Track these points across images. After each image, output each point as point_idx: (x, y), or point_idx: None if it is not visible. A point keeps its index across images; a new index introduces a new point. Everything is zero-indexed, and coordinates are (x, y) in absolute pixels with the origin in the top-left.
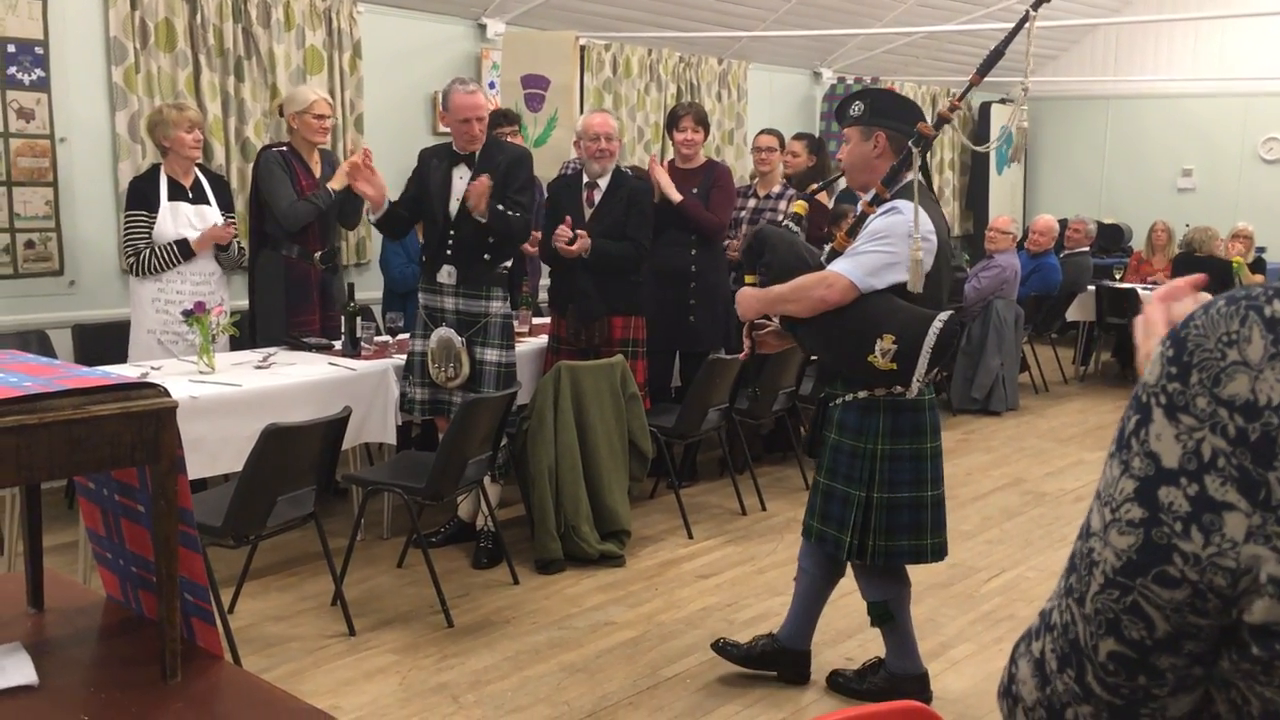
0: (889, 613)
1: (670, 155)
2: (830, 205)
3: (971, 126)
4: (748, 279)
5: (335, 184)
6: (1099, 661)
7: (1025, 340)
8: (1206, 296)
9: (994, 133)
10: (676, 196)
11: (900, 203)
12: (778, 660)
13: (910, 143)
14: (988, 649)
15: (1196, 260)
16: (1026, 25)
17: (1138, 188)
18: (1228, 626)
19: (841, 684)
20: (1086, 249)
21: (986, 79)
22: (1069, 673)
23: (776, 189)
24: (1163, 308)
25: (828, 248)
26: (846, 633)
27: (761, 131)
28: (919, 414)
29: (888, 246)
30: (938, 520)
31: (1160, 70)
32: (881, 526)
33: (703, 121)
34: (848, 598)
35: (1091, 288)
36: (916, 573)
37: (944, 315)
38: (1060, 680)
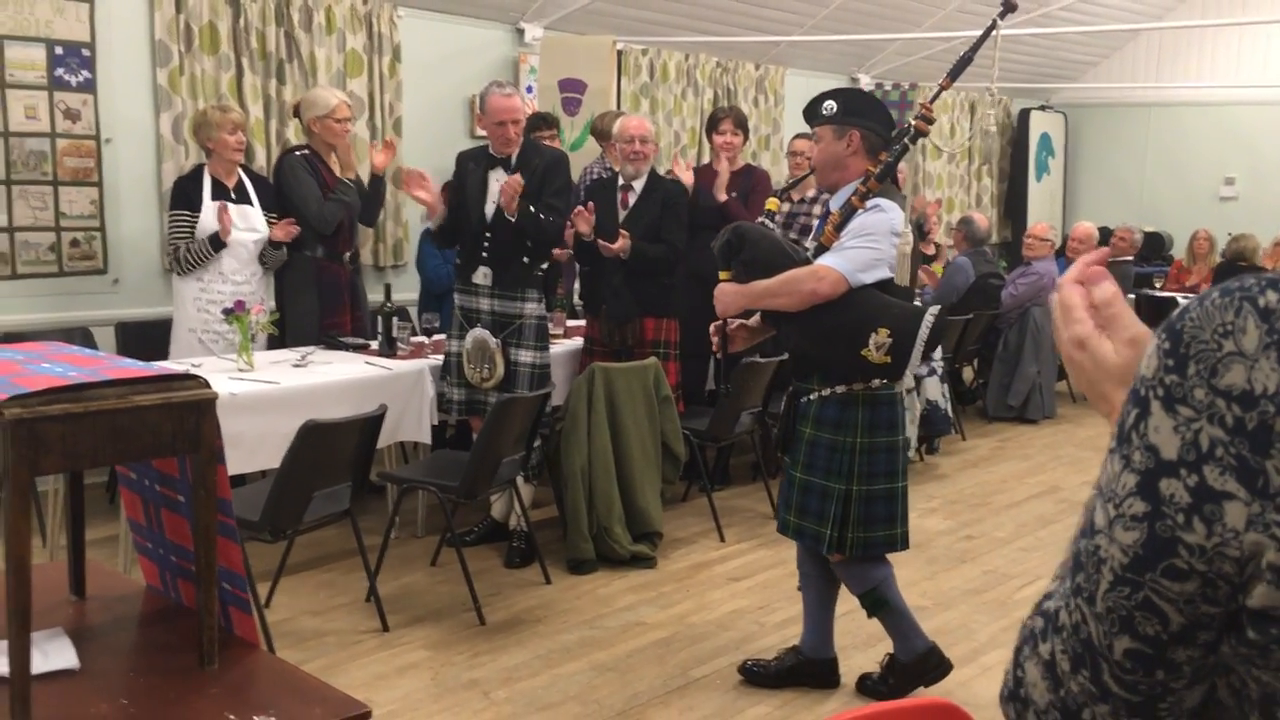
0: (882, 598)
1: (707, 159)
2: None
3: (1011, 133)
4: (723, 275)
5: (348, 172)
6: (1115, 660)
7: None
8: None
9: (1033, 139)
10: (723, 196)
11: (883, 201)
12: (806, 672)
13: (906, 139)
14: None
15: (1240, 270)
16: (994, 33)
17: (1179, 196)
18: (1231, 611)
19: (869, 687)
20: (1130, 258)
21: (1028, 84)
22: (1083, 673)
23: (811, 193)
24: (1079, 290)
25: (812, 243)
26: (878, 635)
27: (797, 136)
28: (893, 407)
29: (874, 243)
30: (905, 509)
31: (1203, 77)
32: (860, 518)
33: (742, 125)
34: None
35: (1131, 296)
36: (951, 579)
37: (935, 309)
38: (1074, 681)
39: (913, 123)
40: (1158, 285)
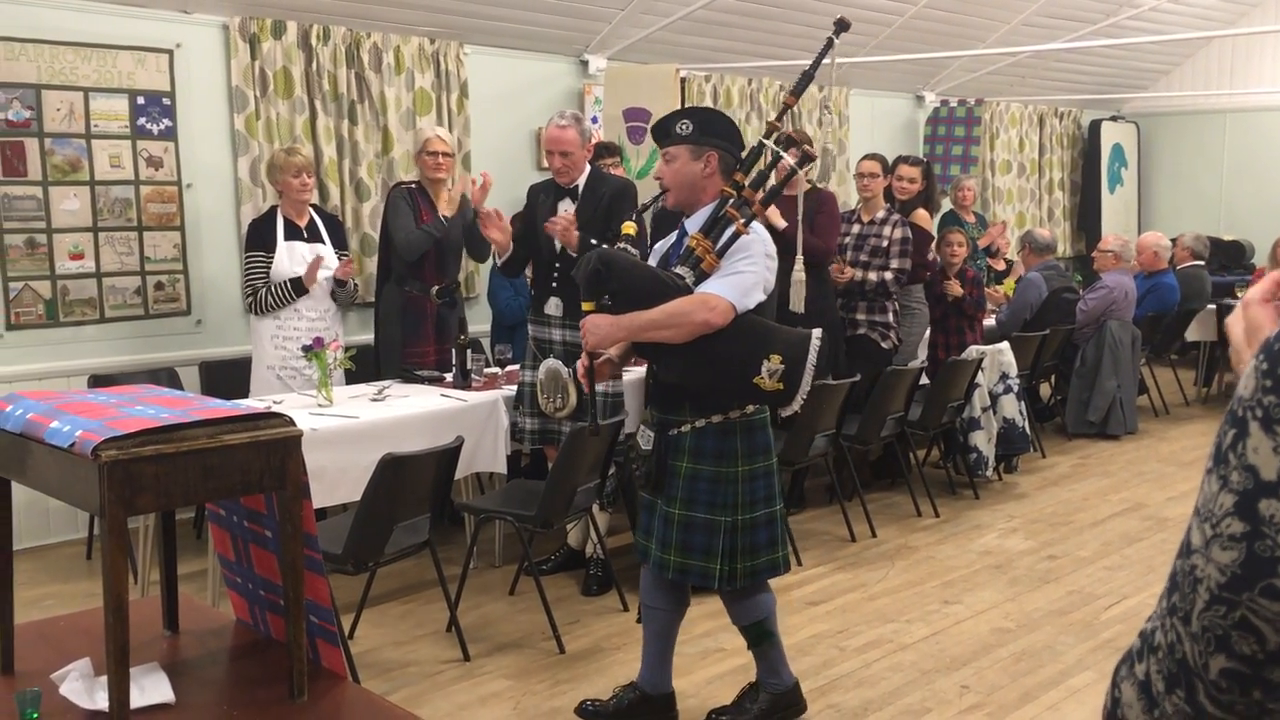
0: (768, 630)
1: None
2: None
3: (1082, 145)
4: (586, 306)
5: (448, 210)
6: (1210, 679)
7: (1143, 361)
8: None
9: (1105, 150)
10: (781, 224)
11: (756, 224)
12: (644, 710)
13: (796, 163)
14: (1108, 678)
15: None
16: (830, 50)
17: (1259, 202)
18: None
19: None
20: (1200, 263)
21: (1098, 95)
22: (1178, 693)
23: (880, 214)
24: (1270, 311)
25: (685, 269)
26: (961, 659)
27: (865, 157)
28: (766, 432)
29: (753, 265)
30: (785, 532)
31: (1279, 82)
32: (746, 547)
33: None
34: (963, 624)
35: (1212, 306)
36: (1034, 600)
37: (818, 332)
38: (1169, 701)
39: (805, 149)
40: (1239, 294)
